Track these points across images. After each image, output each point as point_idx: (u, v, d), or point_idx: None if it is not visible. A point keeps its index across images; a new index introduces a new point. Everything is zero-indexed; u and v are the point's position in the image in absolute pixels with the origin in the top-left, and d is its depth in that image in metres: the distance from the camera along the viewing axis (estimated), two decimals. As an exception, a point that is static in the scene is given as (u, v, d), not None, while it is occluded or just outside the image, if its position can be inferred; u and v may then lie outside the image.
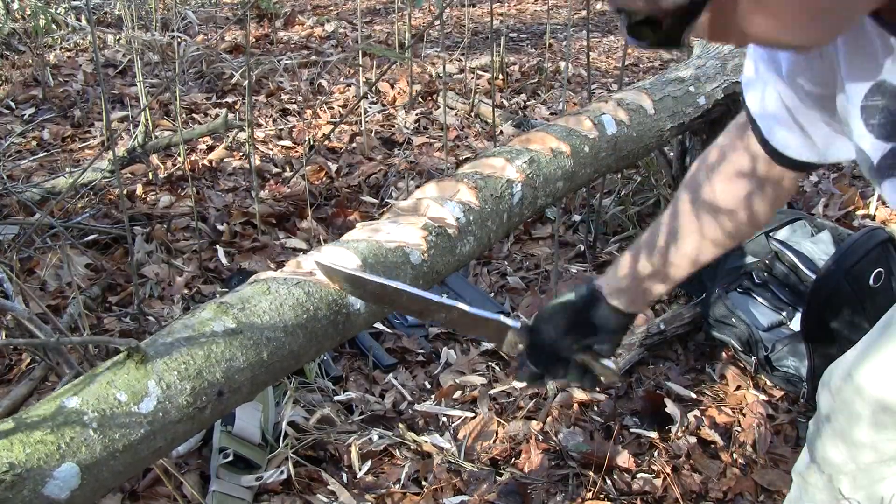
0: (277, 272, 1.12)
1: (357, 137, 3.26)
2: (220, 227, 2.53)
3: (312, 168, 2.96)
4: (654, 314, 2.12)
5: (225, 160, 3.04)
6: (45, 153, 3.05)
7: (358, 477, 1.62)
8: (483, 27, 5.08)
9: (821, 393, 1.17)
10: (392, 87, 3.83)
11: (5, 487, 0.75)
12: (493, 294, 2.27)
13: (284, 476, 1.57)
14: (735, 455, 1.69)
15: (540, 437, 1.70)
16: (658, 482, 1.60)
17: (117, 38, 4.36)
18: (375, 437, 1.71)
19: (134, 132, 2.74)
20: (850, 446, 1.12)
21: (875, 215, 2.66)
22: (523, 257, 2.47)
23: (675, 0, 0.56)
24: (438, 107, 3.60)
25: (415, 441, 1.71)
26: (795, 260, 1.94)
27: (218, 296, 1.31)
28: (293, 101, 3.70)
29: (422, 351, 2.02)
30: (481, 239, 1.35)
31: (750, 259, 2.03)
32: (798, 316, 1.84)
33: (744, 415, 1.80)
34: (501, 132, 3.33)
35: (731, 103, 2.03)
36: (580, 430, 1.73)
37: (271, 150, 3.18)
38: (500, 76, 3.92)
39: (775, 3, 0.57)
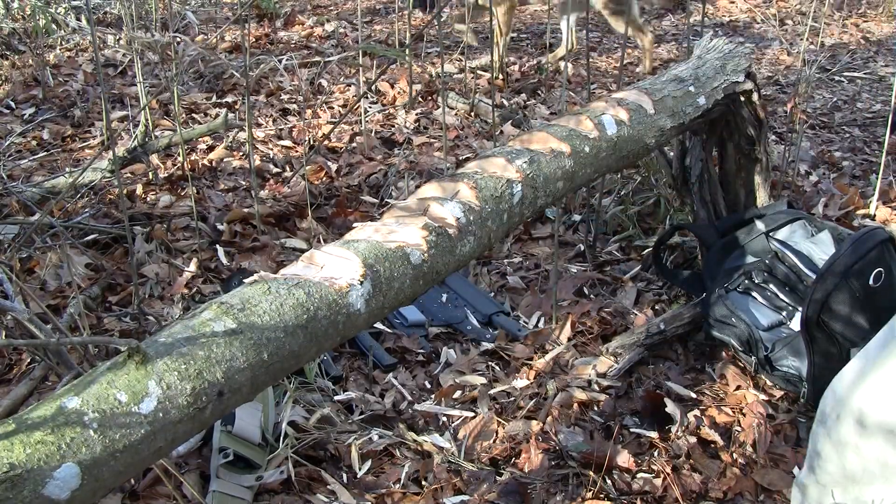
0: (289, 267, 1.12)
1: (357, 137, 3.26)
2: (220, 227, 2.53)
3: (312, 168, 2.96)
4: (654, 314, 2.12)
5: (225, 160, 3.04)
6: (45, 153, 3.05)
7: (358, 477, 1.62)
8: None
9: (822, 401, 1.18)
10: (392, 86, 3.83)
11: (5, 488, 0.75)
12: (493, 294, 2.27)
13: (284, 476, 1.57)
14: (735, 455, 1.69)
15: (540, 437, 1.70)
16: (658, 482, 1.60)
17: (117, 38, 4.36)
18: (375, 437, 1.71)
19: (134, 132, 2.74)
20: (836, 446, 1.12)
21: (875, 215, 2.66)
22: (523, 257, 2.47)
23: None
24: (438, 107, 3.60)
25: (415, 441, 1.71)
26: (795, 260, 1.94)
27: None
28: (293, 100, 3.70)
29: (422, 351, 2.02)
30: (481, 239, 1.35)
31: (750, 259, 2.04)
32: (798, 316, 1.84)
33: (744, 415, 1.80)
34: (501, 132, 3.33)
35: (731, 103, 2.04)
36: (580, 430, 1.73)
37: (271, 149, 3.18)
38: (500, 76, 3.92)
39: None
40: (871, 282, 1.73)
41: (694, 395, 1.87)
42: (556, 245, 2.26)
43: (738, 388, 1.88)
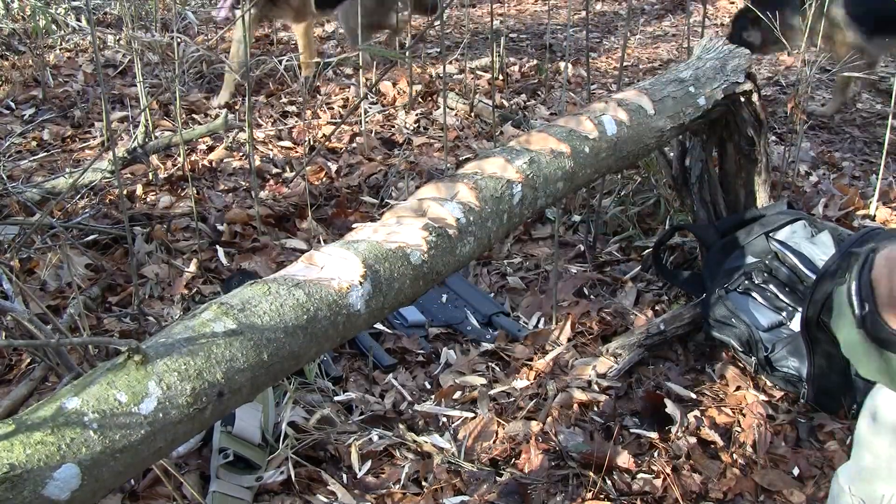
0: (289, 267, 1.12)
1: (357, 138, 3.26)
2: (220, 228, 2.53)
3: (312, 168, 2.96)
4: (654, 315, 2.12)
5: (225, 161, 3.04)
6: (45, 153, 3.05)
7: (358, 477, 1.62)
8: (483, 27, 5.08)
9: None
10: (394, 86, 3.83)
11: (5, 488, 0.75)
12: (493, 294, 2.27)
13: (284, 476, 1.57)
14: (735, 455, 1.69)
15: (540, 438, 1.70)
16: (658, 482, 1.60)
17: (117, 38, 4.36)
18: (375, 438, 1.71)
19: (134, 132, 2.74)
20: (856, 444, 1.13)
21: (875, 215, 2.67)
22: (523, 257, 2.47)
23: None
24: (438, 107, 3.60)
25: (415, 441, 1.71)
26: (795, 260, 1.94)
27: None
28: (293, 101, 3.70)
29: (422, 351, 2.02)
30: (481, 239, 1.35)
31: (750, 259, 2.04)
32: (798, 316, 1.84)
33: (744, 415, 1.80)
34: (501, 132, 3.33)
35: (730, 104, 2.04)
36: (580, 431, 1.73)
37: (271, 150, 3.19)
38: (500, 76, 3.92)
39: None
40: (871, 282, 1.73)
41: (694, 396, 1.87)
42: (556, 245, 2.26)
43: (738, 388, 1.88)
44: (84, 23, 4.56)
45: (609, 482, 1.61)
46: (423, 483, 1.61)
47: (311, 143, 3.23)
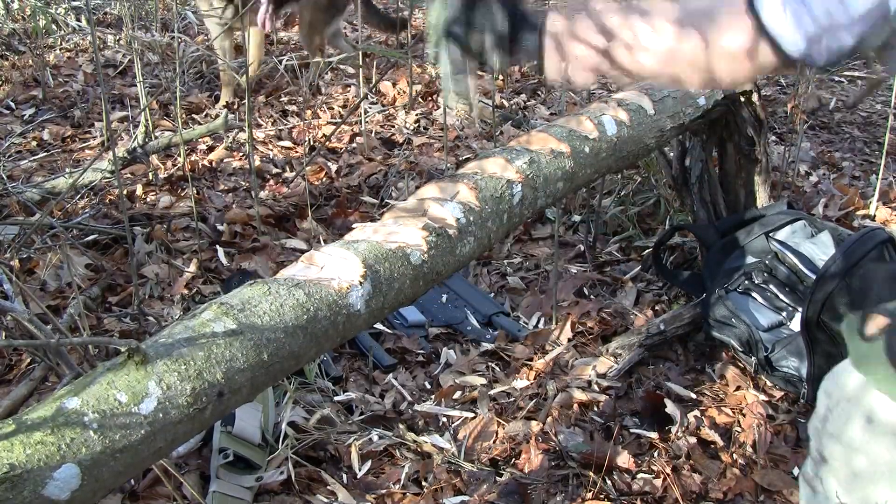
0: (289, 267, 1.12)
1: (357, 138, 3.26)
2: (220, 228, 2.53)
3: (312, 168, 2.96)
4: (654, 315, 2.12)
5: (225, 160, 3.04)
6: (45, 153, 3.05)
7: (358, 477, 1.62)
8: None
9: (819, 396, 1.18)
10: (394, 86, 3.83)
11: (6, 488, 0.75)
12: (493, 294, 2.27)
13: (284, 476, 1.57)
14: (735, 455, 1.69)
15: (540, 438, 1.70)
16: (658, 482, 1.61)
17: (117, 38, 4.36)
18: (375, 438, 1.71)
19: (134, 132, 2.74)
20: (845, 448, 1.12)
21: (875, 215, 2.67)
22: (523, 257, 2.47)
23: None
24: (438, 107, 3.60)
25: (415, 441, 1.71)
26: (795, 260, 1.94)
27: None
28: (293, 101, 3.70)
29: (422, 351, 2.02)
30: (481, 239, 1.35)
31: (750, 259, 2.04)
32: (798, 316, 1.84)
33: (744, 415, 1.80)
34: (501, 132, 3.33)
35: (730, 104, 2.04)
36: (580, 431, 1.73)
37: (271, 150, 3.19)
38: (500, 76, 3.91)
39: None
40: (871, 282, 1.73)
41: (694, 396, 1.87)
42: (557, 245, 2.26)
43: (738, 388, 1.88)
44: (84, 23, 4.56)
45: (609, 482, 1.61)
46: (423, 483, 1.61)
47: (311, 143, 3.23)
